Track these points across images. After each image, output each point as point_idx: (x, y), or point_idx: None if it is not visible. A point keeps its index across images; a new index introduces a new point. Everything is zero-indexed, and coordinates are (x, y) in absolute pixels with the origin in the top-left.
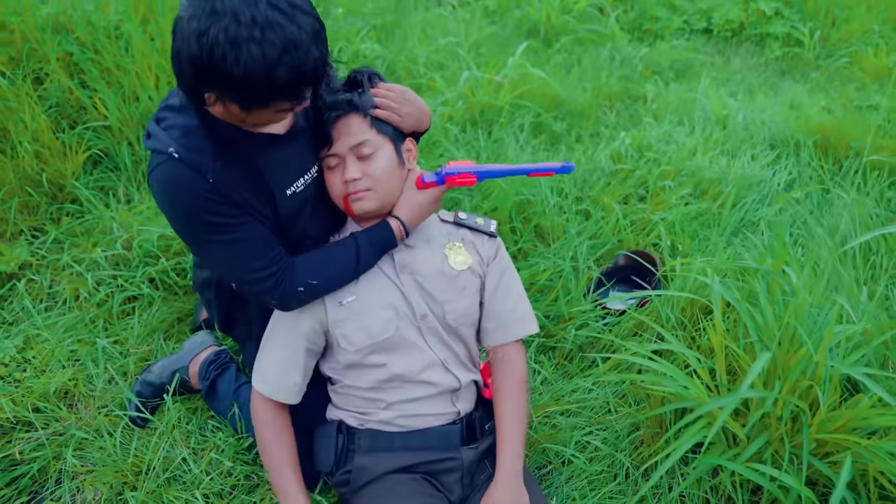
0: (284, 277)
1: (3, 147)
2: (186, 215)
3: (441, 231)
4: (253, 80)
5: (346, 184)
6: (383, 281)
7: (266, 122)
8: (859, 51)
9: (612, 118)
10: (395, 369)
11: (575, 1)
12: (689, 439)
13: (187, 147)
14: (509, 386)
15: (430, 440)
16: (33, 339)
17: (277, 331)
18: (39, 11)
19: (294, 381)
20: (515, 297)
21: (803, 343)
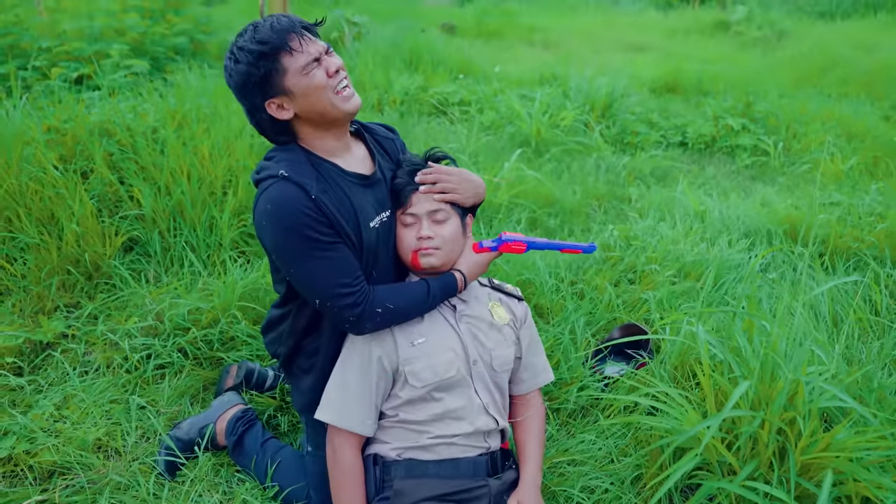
0: (366, 298)
1: (50, 230)
2: (289, 229)
3: (483, 291)
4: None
5: (420, 240)
6: (446, 327)
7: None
8: (818, 158)
9: (601, 215)
10: (449, 405)
11: (562, 118)
12: (685, 463)
13: (294, 171)
14: (534, 420)
15: (460, 469)
16: (70, 399)
17: (351, 364)
18: (88, 120)
19: (367, 411)
20: (541, 352)
21: (781, 377)
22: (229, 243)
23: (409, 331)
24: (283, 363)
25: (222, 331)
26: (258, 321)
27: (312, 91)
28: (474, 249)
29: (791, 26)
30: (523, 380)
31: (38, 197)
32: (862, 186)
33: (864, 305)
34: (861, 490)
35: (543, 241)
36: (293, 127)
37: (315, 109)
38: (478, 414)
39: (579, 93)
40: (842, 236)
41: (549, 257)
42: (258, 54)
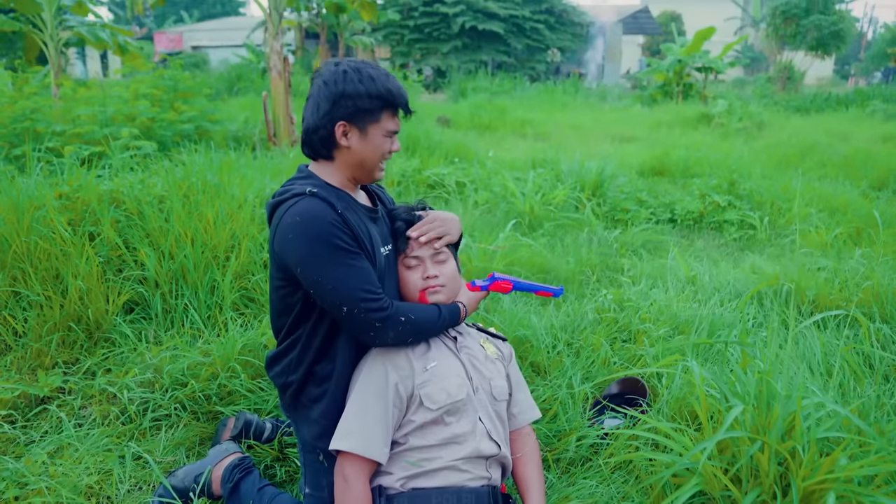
0: (390, 306)
1: (55, 288)
2: (317, 238)
3: (472, 331)
4: (378, 91)
5: (427, 279)
6: (450, 355)
7: (377, 151)
8: (803, 229)
9: (594, 282)
10: (457, 430)
11: (554, 196)
12: (685, 491)
13: (321, 192)
14: (532, 453)
15: (462, 499)
16: (64, 448)
17: (368, 391)
18: (98, 189)
19: (385, 437)
20: (526, 389)
21: (778, 405)
22: (230, 305)
23: (421, 356)
24: (293, 393)
25: (221, 384)
26: (256, 376)
27: (376, 150)
28: (468, 287)
29: (769, 118)
30: (514, 415)
31: (45, 256)
32: (846, 253)
33: (858, 357)
34: None
35: (526, 282)
36: (335, 152)
37: (364, 159)
38: (481, 438)
39: (570, 175)
40: (830, 295)
41: (545, 318)
42: (377, 94)
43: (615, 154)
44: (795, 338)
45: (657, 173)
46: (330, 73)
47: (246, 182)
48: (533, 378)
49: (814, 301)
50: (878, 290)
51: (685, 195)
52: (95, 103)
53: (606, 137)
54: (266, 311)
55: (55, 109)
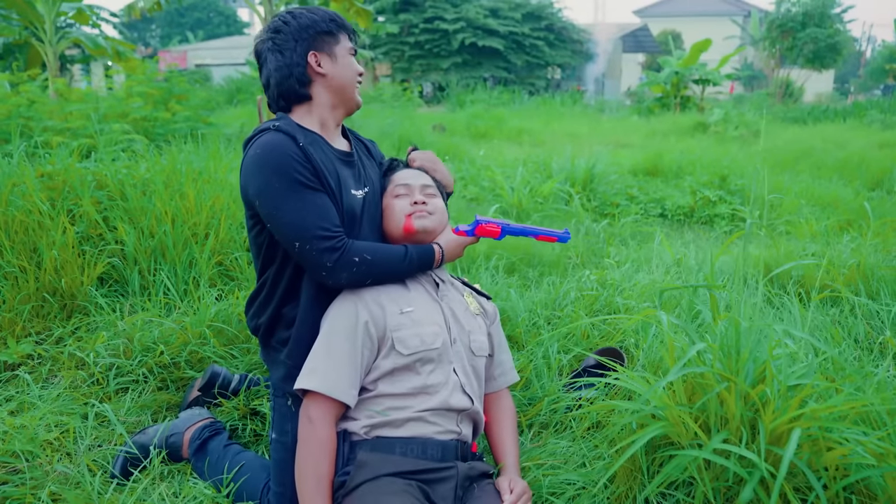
0: (344, 245)
1: (31, 259)
2: (276, 171)
3: (457, 283)
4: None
5: (415, 204)
6: (430, 302)
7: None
8: (794, 221)
9: (579, 265)
10: (429, 380)
11: (542, 189)
12: (647, 433)
13: (285, 126)
14: (508, 415)
15: (428, 451)
16: (27, 409)
17: (337, 329)
18: (80, 171)
19: (353, 379)
20: (508, 351)
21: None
22: (207, 280)
23: (398, 298)
24: (263, 336)
25: (192, 351)
26: (228, 343)
27: (349, 71)
28: (455, 233)
29: (766, 127)
30: (495, 377)
31: (22, 228)
32: (835, 241)
33: (842, 330)
34: (831, 459)
35: (518, 226)
36: (311, 88)
37: (342, 84)
38: (453, 390)
39: (561, 171)
40: (817, 275)
41: (526, 294)
42: (330, 17)
43: (609, 156)
44: (773, 305)
45: (650, 174)
46: (278, 21)
47: (231, 168)
48: (511, 350)
49: (799, 281)
50: (864, 270)
51: (676, 192)
52: (89, 101)
53: (602, 144)
54: (243, 286)
55: (48, 107)
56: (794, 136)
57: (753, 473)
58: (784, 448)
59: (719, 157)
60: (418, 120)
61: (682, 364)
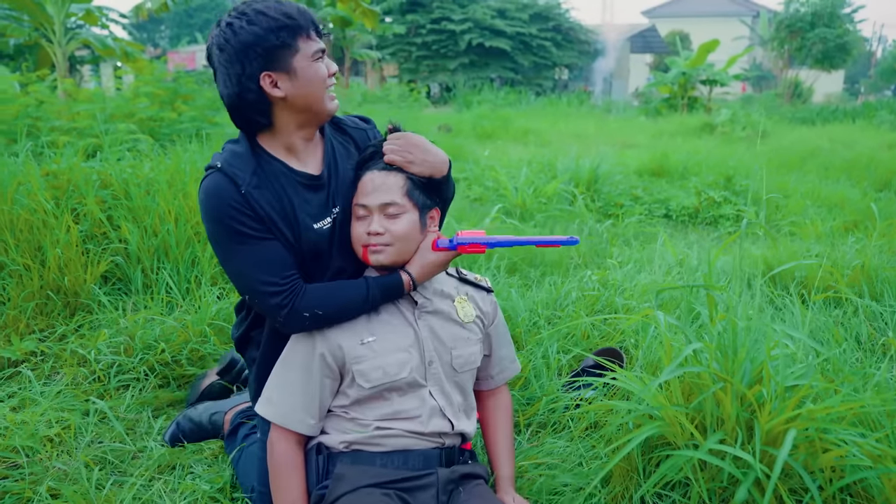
0: (293, 299)
1: (35, 258)
2: (216, 220)
3: (450, 285)
4: (276, 21)
5: (369, 235)
6: (402, 324)
7: (315, 81)
8: (799, 222)
9: (580, 266)
10: (399, 406)
11: (546, 189)
12: (642, 433)
13: (231, 163)
14: (504, 419)
15: (409, 461)
16: (29, 404)
17: (293, 361)
18: (85, 170)
19: (308, 408)
20: (509, 344)
21: (745, 353)
22: (209, 279)
23: (358, 329)
24: (238, 350)
25: (192, 349)
26: (229, 341)
27: (314, 80)
28: (432, 247)
29: (773, 127)
30: (492, 376)
31: (27, 227)
32: (840, 241)
33: (846, 332)
34: (827, 460)
35: (510, 238)
36: (273, 113)
37: (307, 98)
38: (430, 416)
39: (565, 171)
40: (820, 276)
41: (528, 294)
42: (281, 24)
43: (614, 156)
44: (776, 306)
45: (655, 174)
46: (218, 34)
47: None
48: None
49: (802, 282)
50: (869, 271)
51: (681, 192)
52: (96, 101)
53: (608, 144)
54: None
55: (57, 107)
56: (801, 137)
57: (748, 474)
58: (780, 449)
59: (725, 157)
60: (424, 120)
61: (675, 364)
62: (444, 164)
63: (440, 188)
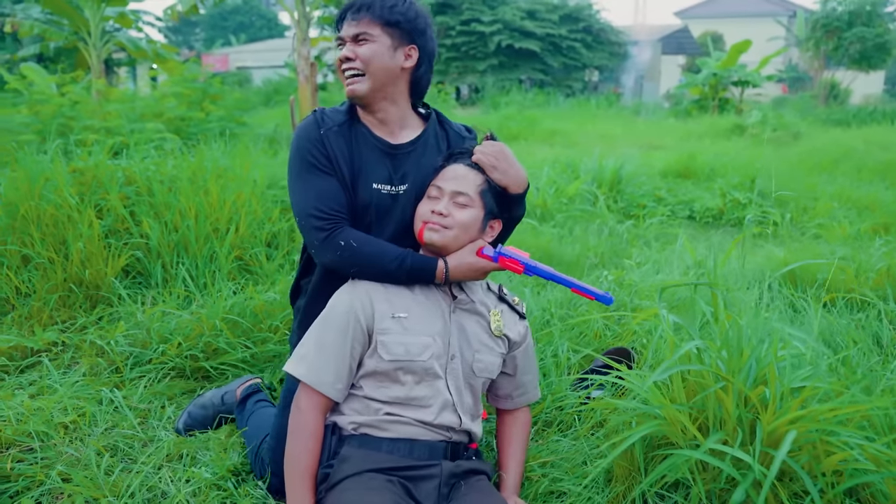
0: (335, 228)
1: (59, 251)
2: (296, 151)
3: (490, 298)
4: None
5: (434, 213)
6: (436, 313)
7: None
8: (827, 224)
9: (597, 266)
10: (413, 392)
11: (567, 190)
12: (640, 431)
13: (325, 112)
14: (520, 433)
15: (415, 451)
16: (46, 392)
17: (331, 322)
18: (110, 167)
19: (339, 373)
20: (535, 370)
21: (749, 353)
22: (226, 274)
23: (395, 301)
24: (291, 301)
25: (207, 342)
26: (242, 335)
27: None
28: (477, 252)
29: (806, 129)
30: (513, 397)
31: (52, 221)
32: (867, 245)
33: (865, 335)
34: (830, 463)
35: (550, 270)
36: None
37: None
38: (442, 408)
39: (588, 172)
40: (843, 278)
41: (542, 293)
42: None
43: (640, 158)
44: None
45: (681, 176)
46: None
47: (257, 166)
48: None
49: (824, 284)
50: (893, 274)
51: (706, 194)
52: (126, 101)
53: (635, 146)
54: (260, 281)
55: (90, 107)
56: (834, 139)
57: (747, 475)
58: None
59: (754, 159)
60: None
61: (671, 361)
62: (524, 182)
63: (511, 204)
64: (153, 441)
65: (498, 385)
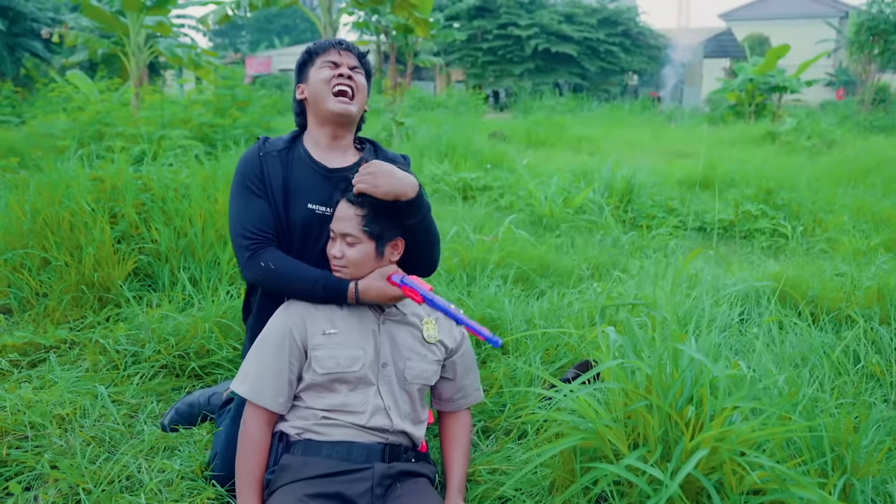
0: (259, 249)
1: (74, 255)
2: (236, 173)
3: (422, 308)
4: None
5: (331, 256)
6: (365, 327)
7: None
8: (838, 238)
9: (589, 278)
10: (347, 399)
11: (574, 200)
12: (561, 443)
13: (268, 139)
14: (461, 436)
15: (352, 454)
16: (49, 385)
17: (268, 341)
18: (129, 173)
19: (279, 388)
20: (474, 373)
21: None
22: (227, 279)
23: (323, 319)
24: (243, 319)
25: (200, 343)
26: (237, 338)
27: (317, 80)
28: (388, 279)
29: (843, 137)
30: (454, 400)
31: (69, 226)
32: (872, 262)
33: (846, 358)
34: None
35: (443, 303)
36: (306, 111)
37: (314, 100)
38: (373, 413)
39: (601, 182)
40: (832, 296)
41: (530, 301)
42: (307, 50)
43: (663, 166)
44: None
45: (701, 185)
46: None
47: None
48: (498, 357)
49: (813, 301)
50: (882, 292)
51: (721, 204)
52: (157, 108)
53: (661, 153)
54: None
55: (124, 113)
56: (872, 147)
57: (660, 491)
58: (700, 468)
59: (780, 168)
60: (479, 127)
61: (582, 378)
62: (410, 188)
63: (401, 215)
64: (138, 434)
65: (440, 389)
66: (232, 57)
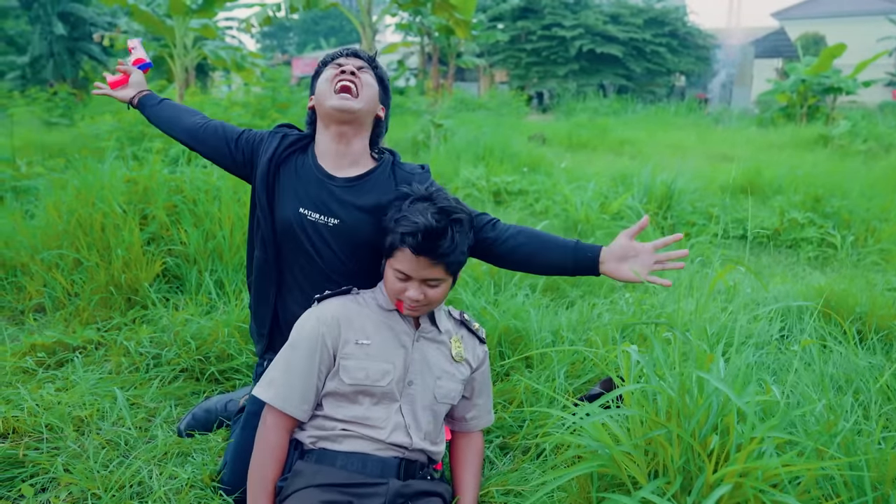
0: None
1: (104, 256)
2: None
3: (451, 324)
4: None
5: (409, 299)
6: (396, 342)
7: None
8: (889, 248)
9: (621, 287)
10: (370, 413)
11: (611, 206)
12: (578, 469)
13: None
14: (474, 459)
15: (367, 466)
16: (71, 386)
17: (299, 346)
18: (162, 174)
19: (305, 395)
20: (488, 394)
21: (705, 395)
22: None
23: (358, 328)
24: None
25: (221, 347)
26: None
27: (322, 81)
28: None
29: None
30: (467, 419)
31: (101, 228)
32: None
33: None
34: None
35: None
36: (316, 121)
37: (319, 97)
38: (394, 429)
39: (641, 187)
40: (882, 313)
41: (549, 316)
42: (320, 61)
43: (707, 170)
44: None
45: (745, 191)
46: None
47: None
48: (522, 370)
49: (861, 318)
50: None
51: (766, 212)
52: (197, 109)
53: (706, 157)
54: None
55: None
56: None
57: None
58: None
59: (830, 174)
60: (520, 129)
61: (616, 394)
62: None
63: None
64: (153, 439)
65: (455, 407)
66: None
